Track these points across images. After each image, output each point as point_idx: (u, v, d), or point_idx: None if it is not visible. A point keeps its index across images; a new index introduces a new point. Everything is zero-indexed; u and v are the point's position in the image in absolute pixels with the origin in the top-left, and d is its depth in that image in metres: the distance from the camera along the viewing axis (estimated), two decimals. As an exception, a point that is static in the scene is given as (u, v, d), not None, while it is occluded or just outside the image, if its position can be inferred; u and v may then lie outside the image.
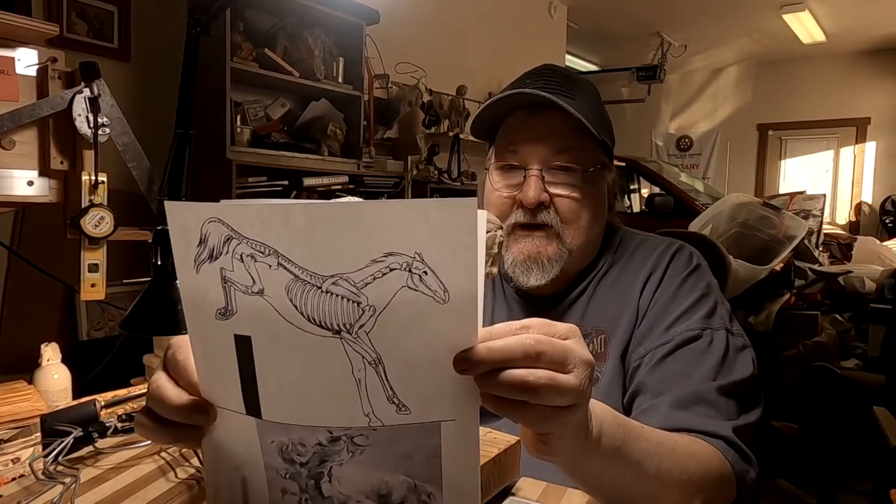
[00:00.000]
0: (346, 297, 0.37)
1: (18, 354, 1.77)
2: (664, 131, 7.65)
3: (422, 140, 3.36)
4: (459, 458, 0.40)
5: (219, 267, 0.38)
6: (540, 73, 0.84)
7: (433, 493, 0.41)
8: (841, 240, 4.02)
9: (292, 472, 0.42)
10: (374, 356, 0.38)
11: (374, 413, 0.39)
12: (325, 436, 0.40)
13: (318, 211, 0.36)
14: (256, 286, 0.38)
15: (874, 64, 6.38)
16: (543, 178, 0.79)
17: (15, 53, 0.97)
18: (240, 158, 2.32)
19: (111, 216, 1.03)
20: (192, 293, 0.40)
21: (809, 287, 2.78)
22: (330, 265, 0.37)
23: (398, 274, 0.36)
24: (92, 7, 2.17)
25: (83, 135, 1.01)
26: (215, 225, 0.38)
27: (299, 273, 0.37)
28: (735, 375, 0.72)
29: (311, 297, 0.37)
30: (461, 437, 0.39)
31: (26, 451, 0.72)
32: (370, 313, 0.37)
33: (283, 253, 0.37)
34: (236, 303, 0.38)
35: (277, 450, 0.42)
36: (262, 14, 2.57)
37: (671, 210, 4.36)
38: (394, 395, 0.38)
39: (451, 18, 3.81)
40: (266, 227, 0.37)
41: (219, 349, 0.40)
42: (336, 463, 0.41)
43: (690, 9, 5.26)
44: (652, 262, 0.83)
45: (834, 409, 2.39)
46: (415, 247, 0.36)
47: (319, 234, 0.36)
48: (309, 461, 0.41)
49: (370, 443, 0.40)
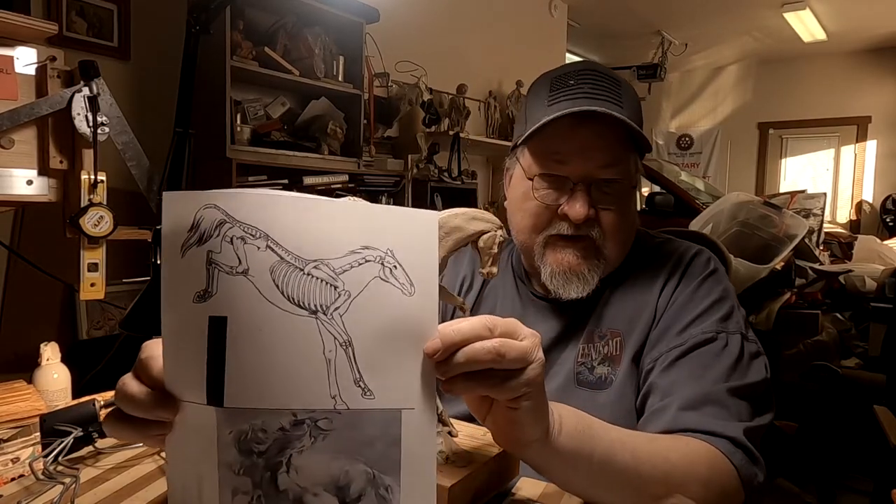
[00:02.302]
0: (325, 280, 0.41)
1: (18, 354, 1.77)
2: (665, 130, 7.64)
3: (422, 139, 3.35)
4: (417, 447, 0.42)
5: (206, 250, 0.41)
6: (586, 76, 0.80)
7: (391, 485, 0.42)
8: (841, 238, 4.02)
9: (247, 466, 0.42)
10: (345, 338, 0.41)
11: (340, 395, 0.41)
12: (288, 419, 0.41)
13: (309, 202, 0.42)
14: (241, 266, 0.41)
15: (875, 62, 6.37)
16: (590, 192, 0.77)
17: (14, 52, 0.97)
18: (240, 157, 2.32)
19: (110, 215, 1.03)
20: (172, 279, 0.42)
21: (810, 286, 2.78)
22: (314, 251, 0.41)
23: (372, 265, 0.42)
24: (91, 5, 2.17)
25: (82, 134, 1.00)
26: (210, 210, 0.41)
27: (285, 255, 0.41)
28: (748, 379, 0.72)
29: (294, 278, 0.41)
30: (420, 426, 0.43)
31: (26, 450, 0.72)
32: (345, 297, 0.42)
33: (272, 236, 0.41)
34: (217, 284, 0.41)
35: (235, 441, 0.42)
36: (261, 12, 2.57)
37: (671, 209, 4.34)
38: (360, 378, 0.42)
39: (452, 17, 3.80)
40: (260, 212, 0.41)
41: (190, 335, 0.41)
42: (296, 450, 0.42)
43: (691, 7, 5.25)
44: (670, 266, 0.82)
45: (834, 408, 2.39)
46: (388, 244, 0.42)
47: (307, 223, 0.41)
48: (268, 449, 0.42)
49: (333, 427, 0.42)
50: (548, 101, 0.79)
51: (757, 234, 2.63)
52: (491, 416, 0.51)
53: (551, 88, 0.80)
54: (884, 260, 3.15)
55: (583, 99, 0.76)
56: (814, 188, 5.51)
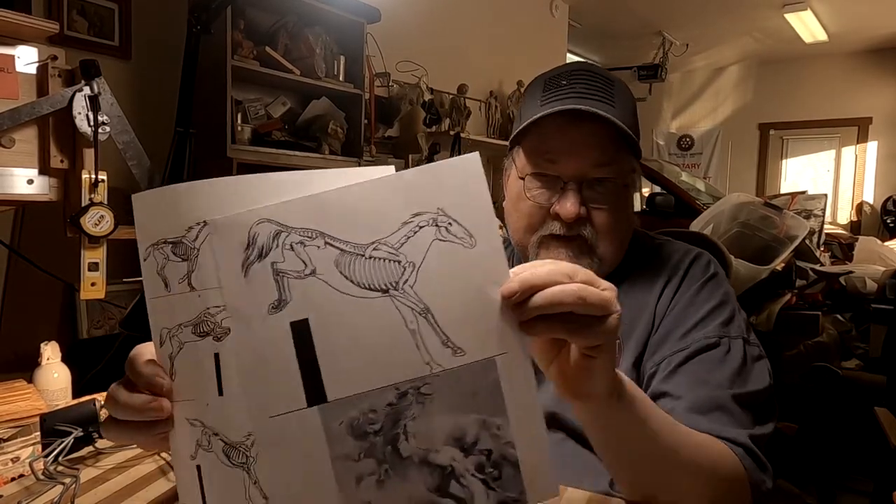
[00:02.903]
0: (386, 258, 0.43)
1: (18, 353, 1.77)
2: (665, 130, 7.64)
3: (423, 139, 3.35)
4: (518, 386, 0.44)
5: (269, 262, 0.43)
6: (578, 76, 0.80)
7: (501, 424, 0.44)
8: (842, 240, 4.02)
9: (367, 448, 0.43)
10: (421, 306, 0.43)
11: (433, 360, 0.43)
12: (392, 394, 0.43)
13: (350, 192, 0.43)
14: (308, 268, 0.43)
15: (876, 63, 6.37)
16: (581, 191, 0.77)
17: (15, 51, 0.97)
18: (240, 157, 2.32)
19: (111, 215, 1.03)
20: (237, 302, 0.43)
21: (810, 287, 2.78)
22: (368, 234, 0.43)
23: (427, 230, 0.43)
24: (92, 5, 2.17)
25: (83, 133, 1.00)
26: (263, 225, 0.43)
27: (344, 247, 0.43)
28: (751, 386, 0.72)
29: (358, 265, 0.43)
30: (515, 367, 0.44)
31: (26, 450, 0.72)
32: (410, 269, 0.43)
33: (327, 233, 0.43)
34: (290, 291, 0.43)
35: (347, 429, 0.43)
36: (262, 12, 2.57)
37: (672, 209, 4.34)
38: (447, 340, 0.43)
39: (453, 17, 3.80)
40: (310, 214, 0.43)
41: (272, 346, 0.43)
42: (409, 419, 0.43)
43: (692, 8, 5.25)
44: (669, 269, 0.82)
45: (834, 409, 2.39)
46: (436, 203, 0.43)
47: (354, 211, 0.43)
48: (382, 427, 0.43)
49: (435, 389, 0.43)
50: (540, 102, 0.79)
51: (757, 235, 2.63)
52: (557, 363, 0.51)
53: (544, 89, 0.80)
54: (884, 261, 3.15)
55: (574, 98, 0.76)
56: (814, 189, 5.51)
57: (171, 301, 0.45)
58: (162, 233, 0.45)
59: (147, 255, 0.46)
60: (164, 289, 0.45)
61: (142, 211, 0.46)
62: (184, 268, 0.45)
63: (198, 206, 0.45)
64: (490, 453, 0.44)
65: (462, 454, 0.44)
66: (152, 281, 0.45)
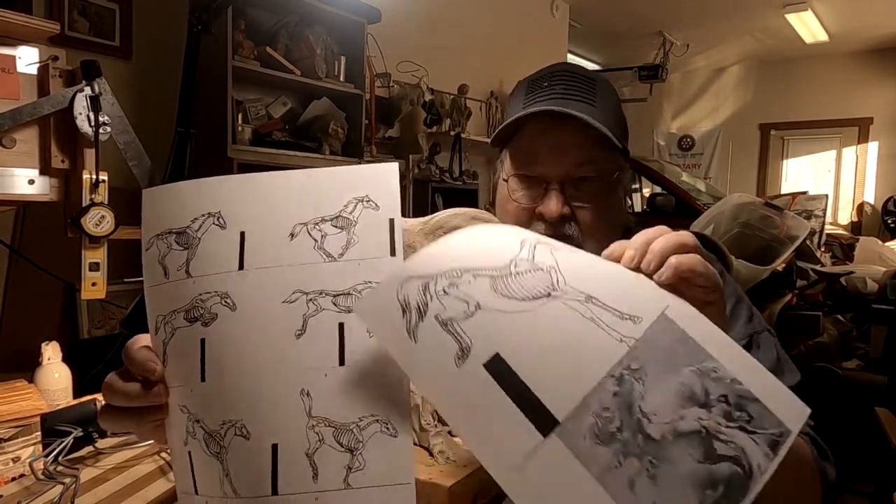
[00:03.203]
0: (530, 269, 0.45)
1: (19, 353, 1.77)
2: (666, 131, 7.64)
3: (423, 139, 3.35)
4: (699, 327, 0.45)
5: (432, 317, 0.42)
6: (559, 76, 0.81)
7: (715, 366, 0.44)
8: (843, 240, 4.02)
9: (623, 450, 0.40)
10: (584, 295, 0.44)
11: (623, 337, 0.43)
12: (612, 383, 0.42)
13: (470, 232, 0.48)
14: (472, 305, 0.43)
15: (877, 64, 6.37)
16: (565, 191, 0.77)
17: (16, 51, 0.97)
18: (241, 157, 2.32)
19: (112, 215, 1.03)
20: (416, 367, 0.42)
21: (811, 287, 2.78)
22: (501, 259, 0.45)
23: (541, 236, 0.49)
24: (93, 5, 2.17)
25: (84, 133, 1.00)
26: (410, 283, 0.43)
27: (491, 272, 0.44)
28: (790, 378, 0.72)
29: (512, 282, 0.44)
30: (683, 313, 0.45)
31: (26, 450, 0.72)
32: (553, 272, 0.45)
33: (471, 269, 0.44)
34: (467, 335, 0.42)
35: (593, 439, 0.40)
36: (263, 12, 2.57)
37: (673, 210, 4.34)
38: (620, 313, 0.44)
39: (453, 17, 3.80)
40: (448, 257, 0.45)
41: (477, 395, 0.40)
42: (639, 400, 0.42)
43: (693, 8, 5.25)
44: None
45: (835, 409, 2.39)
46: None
47: (478, 246, 0.47)
48: (622, 420, 0.41)
49: (643, 360, 0.43)
50: (523, 104, 0.80)
51: (758, 236, 2.63)
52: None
53: (527, 91, 0.81)
54: (885, 261, 3.15)
55: (554, 100, 0.77)
56: (815, 189, 5.50)
57: (168, 288, 0.46)
58: (168, 224, 0.46)
59: (150, 245, 0.46)
60: (163, 276, 0.46)
61: (151, 205, 0.47)
62: (184, 256, 0.45)
63: (205, 199, 0.46)
64: (726, 397, 0.42)
65: (704, 410, 0.42)
66: (152, 269, 0.46)
